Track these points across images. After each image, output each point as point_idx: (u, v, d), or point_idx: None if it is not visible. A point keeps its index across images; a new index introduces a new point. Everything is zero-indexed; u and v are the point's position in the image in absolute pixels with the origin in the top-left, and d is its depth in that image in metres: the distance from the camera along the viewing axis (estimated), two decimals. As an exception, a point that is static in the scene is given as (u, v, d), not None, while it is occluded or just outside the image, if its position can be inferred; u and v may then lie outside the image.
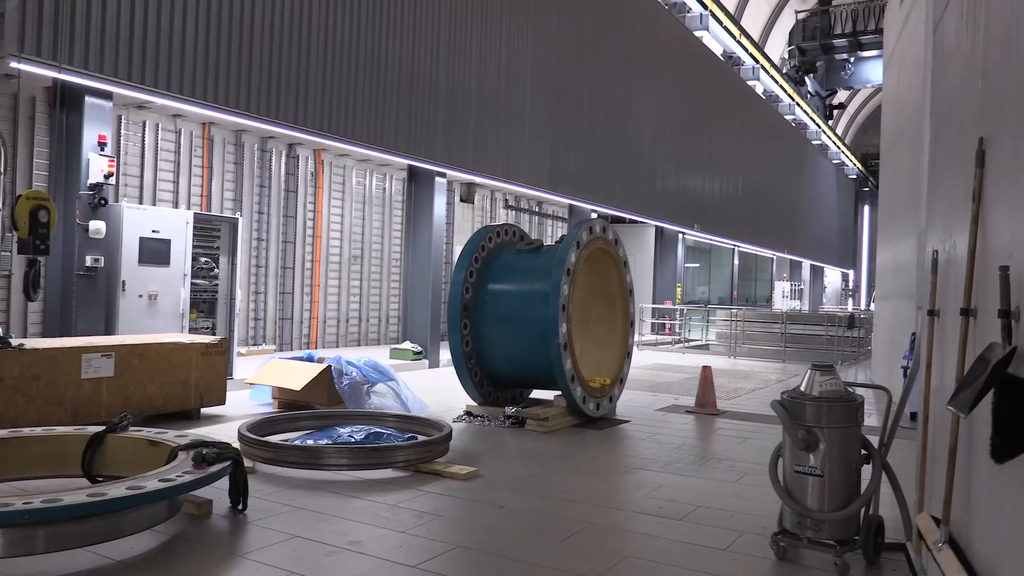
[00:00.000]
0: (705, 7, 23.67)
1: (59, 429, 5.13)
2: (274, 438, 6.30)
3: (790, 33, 37.42)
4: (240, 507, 4.67)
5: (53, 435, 4.99)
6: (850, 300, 48.50)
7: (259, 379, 8.43)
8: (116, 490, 3.77)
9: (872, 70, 36.53)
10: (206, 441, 4.61)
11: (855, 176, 47.70)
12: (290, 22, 10.20)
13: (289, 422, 6.94)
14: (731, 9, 31.61)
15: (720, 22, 24.95)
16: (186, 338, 7.70)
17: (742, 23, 30.61)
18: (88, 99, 8.37)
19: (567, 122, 16.41)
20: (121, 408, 6.62)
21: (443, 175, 13.32)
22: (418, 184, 13.33)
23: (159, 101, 9.25)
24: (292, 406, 8.10)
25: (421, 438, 6.26)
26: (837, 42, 35.36)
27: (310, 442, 6.15)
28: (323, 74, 10.71)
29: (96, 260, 8.43)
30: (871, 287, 41.73)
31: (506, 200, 18.77)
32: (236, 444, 5.48)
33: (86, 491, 3.75)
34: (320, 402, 8.06)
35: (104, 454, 4.89)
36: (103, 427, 4.97)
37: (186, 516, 4.50)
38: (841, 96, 44.76)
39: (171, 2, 8.78)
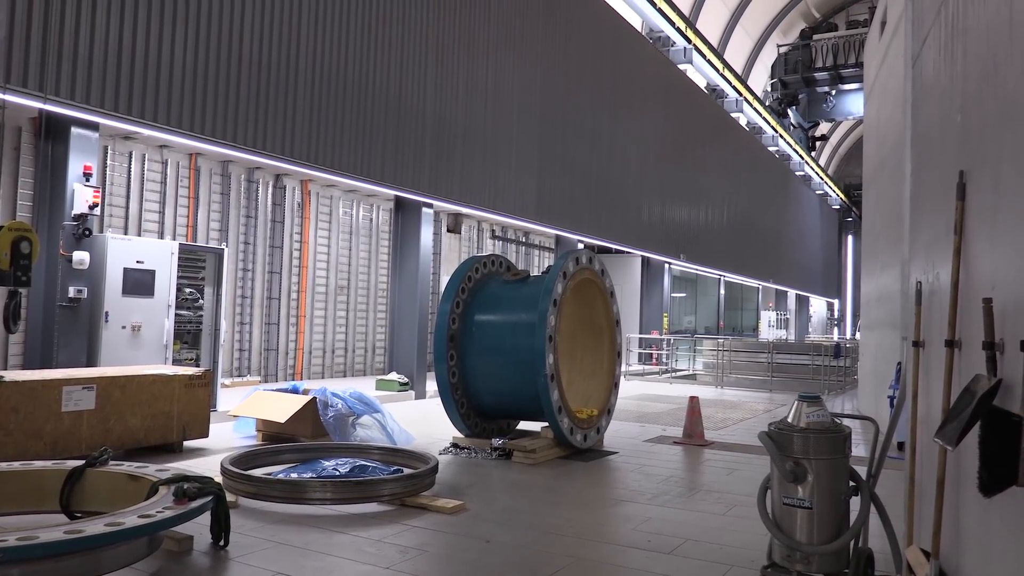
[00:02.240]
0: (689, 41, 24.03)
1: (37, 463, 5.04)
2: (257, 472, 6.21)
3: (772, 66, 38.05)
4: (222, 543, 4.59)
5: (30, 470, 4.90)
6: (836, 329, 48.76)
7: (243, 411, 8.34)
8: (94, 526, 3.69)
9: (853, 102, 37.15)
10: (187, 475, 4.53)
11: (838, 206, 48.24)
12: (277, 53, 10.26)
13: (273, 455, 6.85)
14: (714, 43, 32.12)
15: (703, 55, 25.33)
16: (169, 370, 7.62)
17: (725, 56, 31.08)
18: (74, 130, 8.36)
19: (553, 153, 16.53)
20: (102, 441, 6.52)
21: (430, 205, 13.35)
22: (405, 214, 13.35)
23: (145, 132, 9.24)
24: (276, 439, 8.01)
25: (407, 471, 6.19)
26: (818, 75, 36.01)
27: (294, 476, 6.07)
28: (310, 105, 10.75)
29: (79, 291, 8.35)
30: (856, 316, 41.99)
31: (493, 230, 18.82)
32: (218, 478, 5.41)
33: (63, 528, 3.66)
34: (305, 434, 7.97)
35: (83, 489, 4.79)
36: (82, 461, 4.88)
37: (166, 552, 4.41)
38: (823, 128, 45.43)
39: (159, 33, 8.82)
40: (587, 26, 17.97)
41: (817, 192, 42.50)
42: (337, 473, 6.15)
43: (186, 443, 7.60)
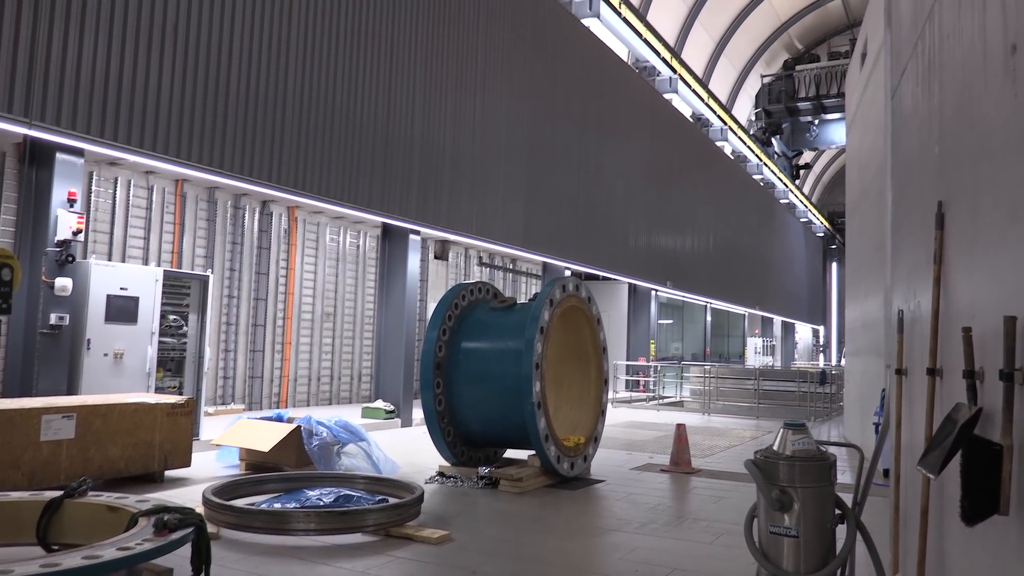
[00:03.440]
0: (674, 71, 24.35)
1: (14, 494, 4.95)
2: (240, 502, 6.13)
3: (756, 96, 38.58)
4: (202, 575, 4.50)
5: (7, 501, 4.80)
6: (821, 356, 48.96)
7: (226, 440, 8.25)
8: (71, 559, 3.61)
9: (836, 132, 37.67)
10: (168, 506, 4.47)
11: (822, 234, 48.69)
12: (266, 80, 10.30)
13: (256, 485, 6.76)
14: (699, 73, 32.57)
15: (689, 85, 25.65)
16: (151, 398, 7.54)
17: (710, 86, 31.50)
18: (59, 155, 8.34)
19: (540, 180, 16.63)
20: (81, 471, 6.42)
21: (417, 232, 13.37)
22: (392, 241, 13.36)
23: (131, 158, 9.23)
24: (260, 468, 7.92)
25: (392, 501, 6.13)
26: (801, 105, 36.53)
27: (277, 506, 5.99)
28: (298, 132, 10.78)
29: (61, 318, 8.28)
30: (841, 343, 42.21)
31: (480, 257, 18.85)
32: (200, 508, 5.33)
33: (39, 561, 3.59)
34: (289, 464, 7.89)
35: (61, 520, 4.71)
36: (61, 492, 4.80)
37: (145, 585, 4.32)
38: (807, 156, 45.98)
39: (146, 60, 8.84)
40: (574, 56, 18.18)
41: (801, 220, 42.92)
42: (321, 503, 6.09)
43: (168, 473, 7.50)
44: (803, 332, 46.78)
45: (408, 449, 9.87)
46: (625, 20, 20.67)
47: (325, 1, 11.22)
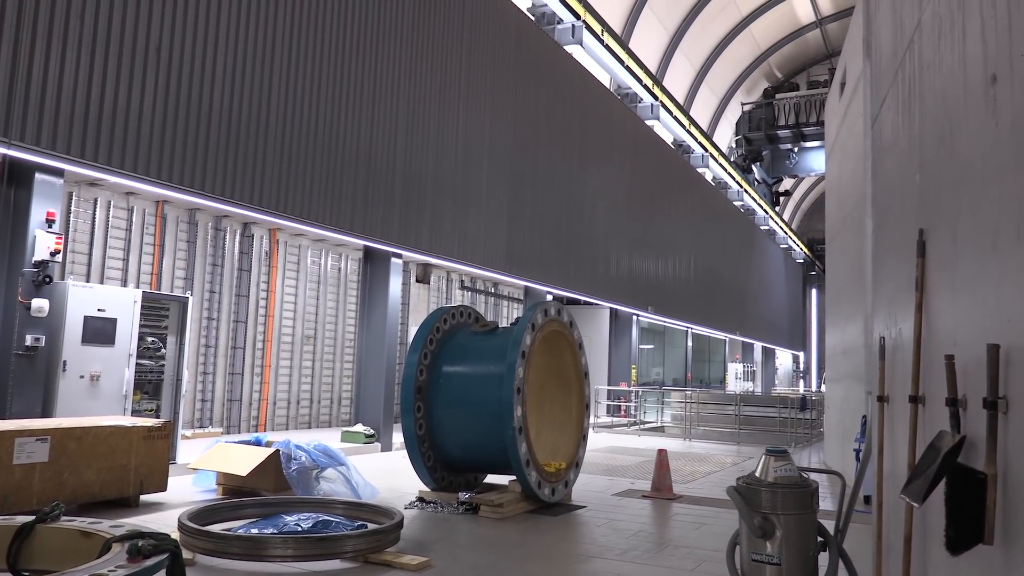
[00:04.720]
0: (656, 98, 24.63)
1: (-16, 520, 4.83)
2: (216, 527, 6.02)
3: (737, 123, 39.09)
4: (176, 603, 4.40)
5: (-23, 526, 4.68)
6: (801, 382, 49.19)
7: (203, 464, 8.12)
8: (41, 587, 3.52)
9: (815, 159, 38.19)
10: (143, 532, 4.36)
11: (802, 260, 49.16)
12: (248, 102, 10.29)
13: (233, 510, 6.66)
14: (680, 100, 32.95)
15: (670, 112, 25.94)
16: (127, 421, 7.42)
17: (691, 113, 31.87)
18: (38, 176, 8.25)
19: (523, 205, 16.69)
20: (55, 496, 6.29)
21: (399, 256, 13.35)
22: (373, 264, 13.32)
23: (112, 179, 9.16)
24: (237, 493, 7.80)
25: (371, 526, 6.05)
26: (781, 133, 37.06)
27: (254, 531, 5.89)
28: (280, 154, 10.76)
29: (37, 339, 8.14)
30: (821, 369, 42.47)
31: (462, 281, 18.82)
32: (175, 534, 5.23)
33: (8, 589, 3.50)
34: (267, 488, 7.78)
35: (32, 546, 4.58)
36: (33, 516, 4.69)
37: (117, 614, 4.21)
38: (787, 184, 46.54)
39: (128, 81, 8.80)
40: (557, 82, 18.34)
41: (782, 246, 43.32)
42: (299, 528, 5.99)
43: (143, 497, 7.37)
44: (783, 358, 47.02)
45: (388, 474, 9.76)
46: (607, 47, 20.92)
47: (308, 23, 11.26)
